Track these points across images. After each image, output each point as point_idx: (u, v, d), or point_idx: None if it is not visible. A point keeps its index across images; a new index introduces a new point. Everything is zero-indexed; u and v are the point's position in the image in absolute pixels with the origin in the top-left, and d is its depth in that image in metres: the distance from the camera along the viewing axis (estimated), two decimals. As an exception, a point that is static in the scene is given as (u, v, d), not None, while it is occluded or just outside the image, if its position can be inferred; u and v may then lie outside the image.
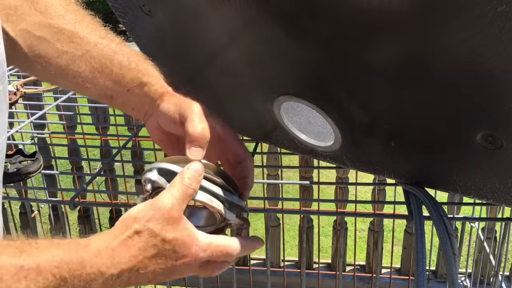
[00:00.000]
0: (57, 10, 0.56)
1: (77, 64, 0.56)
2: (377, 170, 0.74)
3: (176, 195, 0.47)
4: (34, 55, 0.55)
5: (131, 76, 0.58)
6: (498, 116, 0.50)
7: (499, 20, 0.38)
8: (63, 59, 0.56)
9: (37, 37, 0.55)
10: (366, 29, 0.49)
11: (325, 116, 0.67)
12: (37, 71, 0.57)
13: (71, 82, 0.58)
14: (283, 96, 0.69)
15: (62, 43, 0.55)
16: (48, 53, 0.55)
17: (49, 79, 0.60)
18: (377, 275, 1.06)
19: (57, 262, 0.40)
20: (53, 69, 0.56)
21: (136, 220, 0.45)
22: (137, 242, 0.44)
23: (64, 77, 0.57)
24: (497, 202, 0.63)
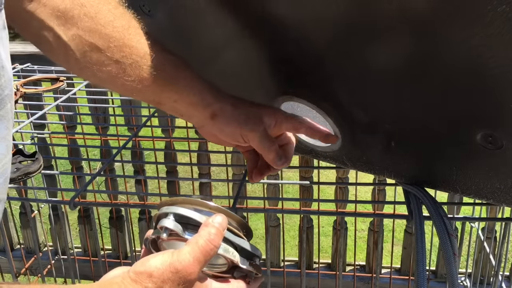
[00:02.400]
0: (106, 16, 0.56)
1: (127, 73, 0.57)
2: (377, 170, 0.74)
3: (199, 257, 0.44)
4: (86, 61, 0.56)
5: (179, 89, 0.60)
6: (498, 116, 0.50)
7: (499, 20, 0.38)
8: (114, 67, 0.57)
9: (89, 44, 0.55)
10: (366, 30, 0.49)
11: (325, 116, 0.67)
12: (87, 76, 0.59)
13: (119, 88, 0.60)
14: (283, 96, 0.69)
15: (113, 51, 0.56)
16: (99, 60, 0.56)
17: (98, 83, 0.61)
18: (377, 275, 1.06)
19: None
20: (103, 76, 0.57)
21: (151, 278, 0.43)
22: None
23: (113, 83, 0.59)
24: (497, 202, 0.63)
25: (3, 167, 0.47)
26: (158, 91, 0.60)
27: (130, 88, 0.59)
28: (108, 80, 0.58)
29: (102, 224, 2.01)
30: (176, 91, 0.60)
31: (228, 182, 1.50)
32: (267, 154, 0.63)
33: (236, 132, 0.62)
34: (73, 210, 0.82)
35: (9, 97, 0.46)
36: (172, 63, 0.60)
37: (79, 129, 1.56)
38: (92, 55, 0.55)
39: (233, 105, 0.62)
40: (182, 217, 0.49)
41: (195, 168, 1.75)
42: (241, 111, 0.62)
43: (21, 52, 1.89)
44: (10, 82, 0.46)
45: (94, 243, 1.82)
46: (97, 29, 0.55)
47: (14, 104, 0.48)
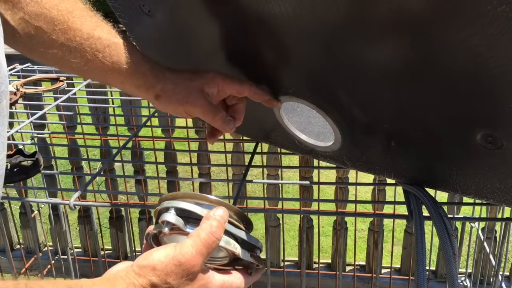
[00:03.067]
0: (51, 0, 0.58)
1: (73, 56, 0.59)
2: (377, 170, 0.74)
3: (201, 249, 0.45)
4: (33, 44, 0.58)
5: (123, 71, 0.62)
6: (498, 116, 0.50)
7: (499, 20, 0.38)
8: (60, 50, 0.59)
9: (34, 27, 0.57)
10: (365, 30, 0.49)
11: (325, 116, 0.67)
12: (36, 58, 0.61)
13: (68, 69, 0.62)
14: (283, 96, 0.69)
15: (58, 34, 0.58)
16: (45, 42, 0.58)
17: (48, 64, 0.64)
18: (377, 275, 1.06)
19: None
20: (50, 58, 0.60)
21: (155, 271, 0.43)
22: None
23: (61, 65, 0.61)
24: (497, 202, 0.63)
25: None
26: (103, 73, 0.62)
27: (78, 69, 0.61)
28: (56, 62, 0.60)
29: (102, 224, 2.01)
30: (120, 73, 0.63)
31: (228, 182, 1.50)
32: (214, 123, 0.66)
33: (179, 109, 0.65)
34: (73, 210, 0.82)
35: (5, 93, 0.46)
36: (116, 46, 0.62)
37: (79, 129, 1.56)
38: (38, 38, 0.58)
39: (173, 83, 0.65)
40: (183, 211, 0.49)
41: (195, 168, 1.75)
42: (181, 88, 0.65)
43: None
44: (6, 79, 0.46)
45: (94, 243, 1.82)
46: (42, 12, 0.57)
47: (9, 101, 0.48)
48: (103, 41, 0.61)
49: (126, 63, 0.62)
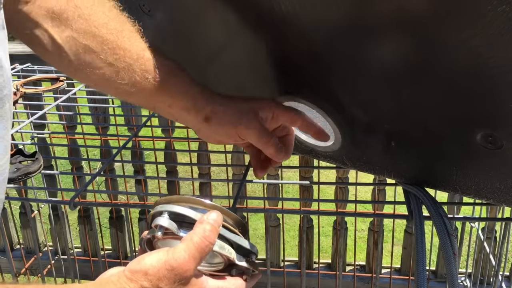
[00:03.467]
0: (100, 18, 0.56)
1: (120, 77, 0.57)
2: (377, 170, 0.74)
3: (194, 254, 0.45)
4: (80, 63, 0.56)
5: (172, 93, 0.60)
6: (498, 116, 0.50)
7: (499, 20, 0.38)
8: (107, 70, 0.56)
9: (83, 46, 0.55)
10: (365, 30, 0.49)
11: (325, 116, 0.67)
12: (81, 78, 0.59)
13: (113, 92, 0.60)
14: (283, 96, 0.69)
15: (106, 54, 0.56)
16: (92, 62, 0.56)
17: (93, 86, 0.61)
18: (377, 275, 1.06)
19: None
20: (96, 78, 0.57)
21: (147, 276, 0.43)
22: None
23: (107, 86, 0.58)
24: (497, 202, 0.63)
25: (1, 167, 0.47)
26: (152, 95, 0.59)
27: (124, 92, 0.58)
28: (101, 83, 0.58)
29: (102, 224, 2.01)
30: (170, 95, 0.60)
31: (228, 182, 1.50)
32: (266, 149, 0.64)
33: (231, 132, 0.63)
34: (73, 210, 0.82)
35: (8, 97, 0.46)
36: (166, 68, 0.60)
37: (79, 129, 1.56)
38: (85, 57, 0.55)
39: (224, 105, 0.62)
40: (177, 215, 0.48)
41: (195, 168, 1.75)
42: (233, 110, 0.62)
43: (21, 52, 1.89)
44: (9, 81, 0.46)
45: (94, 243, 1.82)
46: (91, 31, 0.55)
47: (12, 104, 0.47)
48: (153, 62, 0.59)
49: (175, 84, 0.60)
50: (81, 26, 0.54)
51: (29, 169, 0.85)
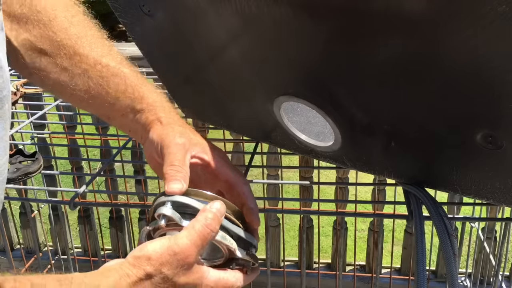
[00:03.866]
0: (60, 23, 0.55)
1: (75, 82, 0.56)
2: (377, 170, 0.74)
3: (196, 240, 0.45)
4: (34, 67, 0.55)
5: (126, 101, 0.57)
6: (498, 116, 0.50)
7: (499, 20, 0.38)
8: (62, 75, 0.56)
9: (38, 50, 0.55)
10: (365, 30, 0.49)
11: (325, 116, 0.67)
12: (36, 82, 0.58)
13: (68, 98, 0.58)
14: (283, 96, 0.69)
15: (62, 59, 0.55)
16: (47, 67, 0.55)
17: (48, 90, 0.59)
18: (377, 275, 1.06)
19: None
20: (51, 83, 0.56)
21: (150, 261, 0.43)
22: (148, 286, 0.43)
23: (62, 92, 0.57)
24: (497, 202, 0.63)
25: (0, 167, 0.47)
26: (105, 102, 0.57)
27: (78, 98, 0.57)
28: (56, 88, 0.57)
29: (102, 224, 2.01)
30: (123, 103, 0.58)
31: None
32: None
33: (158, 142, 0.57)
34: (73, 210, 0.82)
35: (7, 97, 0.46)
36: (124, 76, 0.58)
37: (79, 129, 1.56)
38: (40, 61, 0.55)
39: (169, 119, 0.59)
40: (179, 206, 0.49)
41: (195, 168, 1.75)
42: (186, 137, 0.58)
43: (21, 52, 1.89)
44: (8, 82, 0.46)
45: (94, 243, 1.82)
46: (49, 35, 0.55)
47: (11, 105, 0.48)
48: (110, 69, 0.57)
49: (132, 92, 0.58)
50: (39, 31, 0.54)
51: (29, 169, 0.85)
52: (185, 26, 0.69)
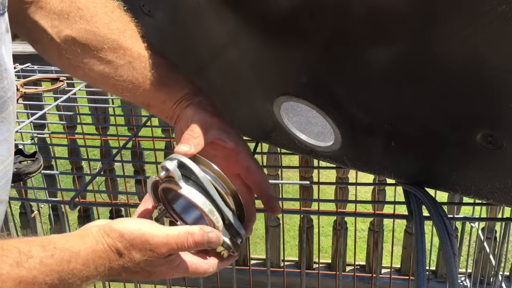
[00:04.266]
0: (102, 19, 0.58)
1: (119, 74, 0.59)
2: (377, 170, 0.74)
3: (172, 244, 0.47)
4: (78, 61, 0.57)
5: (169, 89, 0.61)
6: (498, 116, 0.50)
7: (499, 20, 0.38)
8: (106, 67, 0.58)
9: (81, 45, 0.57)
10: (365, 30, 0.49)
11: (325, 116, 0.67)
12: (80, 76, 0.60)
13: (111, 88, 0.61)
14: (283, 96, 0.69)
15: (106, 52, 0.58)
16: (91, 61, 0.58)
17: (91, 83, 0.62)
18: (377, 275, 1.06)
19: (50, 274, 0.42)
20: (95, 76, 0.59)
21: (122, 238, 0.46)
22: (117, 260, 0.46)
23: (105, 83, 0.60)
24: (497, 202, 0.63)
25: (5, 169, 0.48)
26: (148, 91, 0.60)
27: (121, 88, 0.60)
28: (99, 80, 0.59)
29: (102, 224, 2.00)
30: (166, 91, 0.61)
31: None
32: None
33: (186, 122, 0.61)
34: (73, 210, 0.82)
35: (12, 99, 0.47)
36: (164, 66, 0.61)
37: (79, 129, 1.56)
38: (84, 55, 0.57)
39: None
40: (185, 169, 0.50)
41: (195, 168, 1.75)
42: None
43: (21, 52, 1.89)
44: (13, 84, 0.47)
45: (94, 243, 1.82)
46: (92, 30, 0.57)
47: (16, 106, 0.49)
48: (152, 60, 0.60)
49: (173, 79, 0.61)
50: (82, 26, 0.56)
51: (29, 169, 0.85)
52: (185, 26, 0.69)
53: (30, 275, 0.41)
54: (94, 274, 0.45)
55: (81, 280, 0.44)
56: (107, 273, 0.46)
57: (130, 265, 0.46)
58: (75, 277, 0.43)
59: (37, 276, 0.41)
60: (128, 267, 0.46)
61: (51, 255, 0.42)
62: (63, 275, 0.43)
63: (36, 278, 0.41)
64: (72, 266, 0.43)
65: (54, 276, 0.42)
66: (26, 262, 0.41)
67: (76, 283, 0.44)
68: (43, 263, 0.42)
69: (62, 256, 0.43)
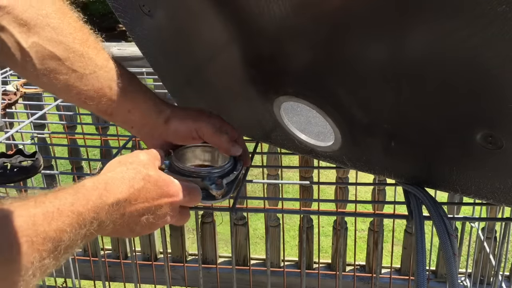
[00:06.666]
0: (67, 28, 0.59)
1: (84, 83, 0.60)
2: (377, 170, 0.74)
3: (181, 191, 0.57)
4: (44, 68, 0.58)
5: (134, 98, 0.65)
6: (498, 116, 0.50)
7: (499, 20, 0.38)
8: (72, 76, 0.60)
9: (48, 52, 0.58)
10: (365, 29, 0.49)
11: (325, 116, 0.67)
12: (43, 83, 0.61)
13: (73, 97, 0.62)
14: (283, 96, 0.69)
15: (72, 61, 0.59)
16: (57, 68, 0.59)
17: (52, 91, 0.63)
18: (377, 275, 1.06)
19: (98, 209, 0.47)
20: (59, 84, 0.60)
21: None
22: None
23: (68, 92, 0.61)
24: (497, 202, 0.63)
25: None
26: (113, 100, 0.63)
27: (85, 97, 0.61)
28: (63, 89, 0.60)
29: (102, 224, 2.00)
30: (131, 100, 0.64)
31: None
32: (222, 142, 0.68)
33: (192, 128, 0.67)
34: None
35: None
36: (127, 75, 0.64)
37: (79, 129, 1.56)
38: (50, 63, 0.58)
39: (182, 109, 0.69)
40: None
41: (195, 168, 1.75)
42: (191, 110, 0.69)
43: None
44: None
45: (94, 243, 1.82)
46: (58, 39, 0.58)
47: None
48: (116, 70, 0.62)
49: (136, 91, 0.65)
50: (49, 34, 0.57)
51: (29, 169, 0.85)
52: (185, 26, 0.69)
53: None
54: None
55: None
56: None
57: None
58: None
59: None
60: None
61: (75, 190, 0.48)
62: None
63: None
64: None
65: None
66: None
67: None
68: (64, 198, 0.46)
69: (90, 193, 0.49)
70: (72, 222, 0.44)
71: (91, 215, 0.46)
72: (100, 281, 1.66)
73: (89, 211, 0.46)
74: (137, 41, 0.80)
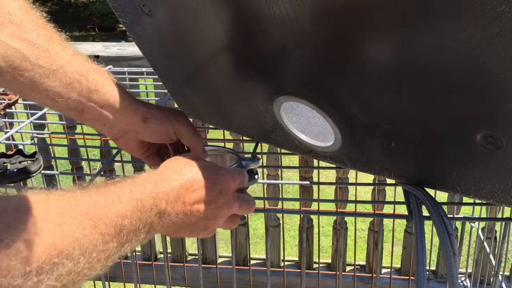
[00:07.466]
0: (30, 25, 0.58)
1: (51, 79, 0.58)
2: (377, 170, 0.74)
3: (236, 177, 0.61)
4: (7, 65, 0.56)
5: (106, 94, 0.62)
6: (498, 116, 0.50)
7: (499, 20, 0.38)
8: (37, 73, 0.57)
9: (12, 49, 0.56)
10: (365, 29, 0.49)
11: (325, 116, 0.67)
12: (7, 81, 0.58)
13: (41, 94, 0.59)
14: (283, 96, 0.69)
15: (37, 57, 0.57)
16: (22, 65, 0.57)
17: (18, 89, 0.60)
18: (377, 275, 1.06)
19: (155, 195, 0.49)
20: (24, 81, 0.57)
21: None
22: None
23: (35, 89, 0.59)
24: (497, 202, 0.63)
25: None
26: (83, 95, 0.60)
27: (53, 93, 0.59)
28: (29, 86, 0.58)
29: (102, 224, 2.00)
30: (103, 95, 0.62)
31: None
32: (198, 145, 0.70)
33: (170, 129, 0.67)
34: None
35: None
36: (97, 70, 0.62)
37: (79, 129, 1.56)
38: (14, 60, 0.56)
39: (158, 108, 0.67)
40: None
41: (195, 168, 1.75)
42: (168, 110, 0.68)
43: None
44: None
45: (94, 243, 1.82)
46: (22, 36, 0.57)
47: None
48: (85, 65, 0.61)
49: (109, 85, 0.62)
50: (12, 31, 0.56)
51: (29, 169, 0.85)
52: (185, 26, 0.69)
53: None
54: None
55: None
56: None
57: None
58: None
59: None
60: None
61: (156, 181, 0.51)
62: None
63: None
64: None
65: None
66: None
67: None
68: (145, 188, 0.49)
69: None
70: (132, 207, 0.45)
71: (150, 201, 0.47)
72: (100, 281, 1.66)
73: (147, 196, 0.47)
74: (137, 41, 0.80)
